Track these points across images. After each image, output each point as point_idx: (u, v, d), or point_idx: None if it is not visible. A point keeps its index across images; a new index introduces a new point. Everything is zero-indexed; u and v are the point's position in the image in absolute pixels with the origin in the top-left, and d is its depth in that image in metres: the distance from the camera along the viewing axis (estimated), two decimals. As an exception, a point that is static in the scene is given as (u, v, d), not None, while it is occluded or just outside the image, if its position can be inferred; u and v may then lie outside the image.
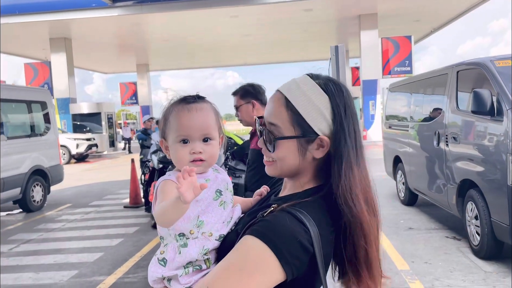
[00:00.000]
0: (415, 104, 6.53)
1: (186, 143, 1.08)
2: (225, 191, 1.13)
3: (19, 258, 5.30)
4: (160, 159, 6.10)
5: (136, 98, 29.43)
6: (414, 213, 6.46)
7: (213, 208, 1.07)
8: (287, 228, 0.90)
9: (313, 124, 0.99)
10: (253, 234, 0.91)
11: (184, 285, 1.01)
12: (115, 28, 18.91)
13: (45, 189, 8.53)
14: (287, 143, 1.01)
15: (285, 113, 1.01)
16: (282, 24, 19.58)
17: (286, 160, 1.01)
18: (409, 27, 21.66)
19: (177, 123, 1.08)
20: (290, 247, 0.88)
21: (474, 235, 4.49)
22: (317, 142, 1.00)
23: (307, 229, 0.91)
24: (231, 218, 1.10)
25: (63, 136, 17.22)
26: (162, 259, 1.05)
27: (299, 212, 0.93)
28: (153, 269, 1.06)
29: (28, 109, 8.45)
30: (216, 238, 1.04)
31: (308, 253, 0.90)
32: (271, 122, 1.02)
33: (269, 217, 0.94)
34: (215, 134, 1.11)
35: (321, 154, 1.00)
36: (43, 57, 23.29)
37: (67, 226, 6.84)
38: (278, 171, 1.05)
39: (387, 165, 7.87)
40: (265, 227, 0.92)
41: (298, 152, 1.00)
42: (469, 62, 4.83)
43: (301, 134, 1.00)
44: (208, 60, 30.68)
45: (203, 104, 1.11)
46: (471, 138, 4.51)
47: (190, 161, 1.08)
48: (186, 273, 1.02)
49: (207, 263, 1.03)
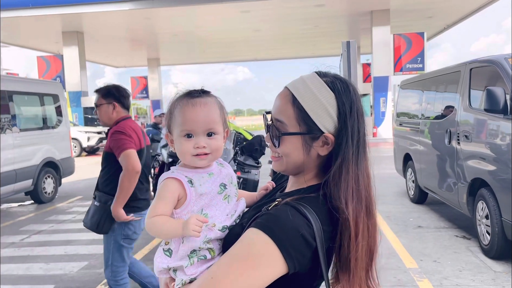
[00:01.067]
0: (426, 102, 6.46)
1: (190, 137, 1.09)
2: (229, 185, 1.14)
3: (30, 249, 5.38)
4: (169, 153, 6.14)
5: (147, 93, 29.56)
6: (424, 211, 6.42)
7: (217, 202, 1.09)
8: (290, 222, 0.91)
9: (318, 121, 1.00)
10: (257, 226, 0.93)
11: (190, 275, 1.03)
12: (126, 22, 19.00)
13: (56, 181, 8.64)
14: (292, 139, 1.02)
15: (291, 110, 1.02)
16: (293, 20, 19.49)
17: (291, 156, 1.03)
18: (422, 24, 21.42)
19: (182, 117, 1.09)
20: (293, 241, 0.90)
21: (484, 235, 4.45)
22: (322, 139, 1.01)
23: (310, 223, 0.92)
24: (235, 211, 1.12)
25: (75, 129, 17.39)
26: (167, 249, 1.08)
27: (302, 206, 0.94)
28: (159, 260, 1.08)
29: (40, 102, 8.54)
30: (219, 229, 1.06)
31: (310, 247, 0.92)
32: (277, 118, 1.04)
33: (273, 211, 0.95)
34: (219, 128, 1.12)
35: (326, 151, 1.02)
36: (56, 51, 23.51)
37: (77, 218, 6.92)
38: (284, 166, 1.06)
39: (397, 162, 7.82)
40: (269, 220, 0.93)
41: (302, 148, 1.02)
42: (483, 60, 4.76)
43: (306, 131, 1.01)
44: (218, 55, 30.69)
45: (207, 98, 1.11)
46: (483, 137, 4.46)
47: (193, 154, 1.09)
48: (191, 264, 1.04)
49: (211, 252, 1.05)
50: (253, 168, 4.67)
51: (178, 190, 1.06)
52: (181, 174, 1.08)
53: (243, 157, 4.70)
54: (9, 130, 7.50)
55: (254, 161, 4.75)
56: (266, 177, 8.09)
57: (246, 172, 4.59)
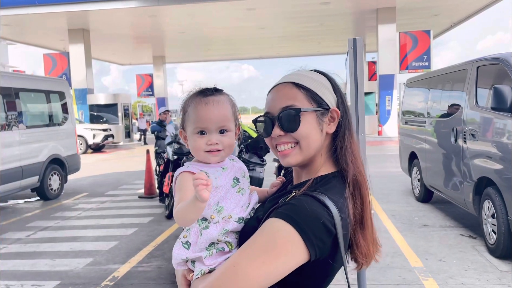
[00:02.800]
0: (432, 100, 6.42)
1: (203, 134, 1.13)
2: (242, 178, 1.17)
3: (36, 245, 5.42)
4: (174, 150, 6.15)
5: (152, 90, 29.65)
6: (429, 210, 6.39)
7: (231, 195, 1.12)
8: (311, 211, 0.94)
9: (324, 97, 1.08)
10: (279, 216, 0.95)
11: (209, 266, 1.05)
12: (132, 20, 19.04)
13: (62, 177, 8.69)
14: (309, 118, 1.05)
15: (298, 93, 1.07)
16: (298, 18, 19.45)
17: (310, 137, 1.06)
18: (428, 22, 21.30)
19: (195, 115, 1.12)
20: (314, 229, 0.92)
21: (490, 234, 4.42)
22: (329, 116, 1.08)
23: (329, 211, 0.95)
24: (249, 203, 1.15)
25: (80, 127, 17.48)
26: (186, 242, 1.10)
27: (320, 194, 0.97)
28: (177, 252, 1.11)
29: (46, 99, 8.59)
30: (236, 220, 1.09)
31: (331, 234, 0.94)
32: (286, 105, 1.06)
33: (292, 201, 0.98)
34: (231, 126, 1.15)
35: (333, 128, 1.09)
36: (62, 48, 23.62)
37: (83, 215, 6.96)
38: (301, 154, 1.07)
39: (402, 161, 7.79)
40: (290, 209, 0.95)
41: (318, 126, 1.06)
42: (490, 58, 4.72)
43: (318, 107, 1.07)
44: (223, 53, 30.71)
45: (220, 97, 1.14)
46: (490, 136, 4.43)
47: (206, 151, 1.12)
48: (210, 255, 1.06)
49: (229, 245, 1.07)
50: (258, 166, 4.66)
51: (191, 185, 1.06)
52: (196, 168, 1.11)
53: (248, 154, 4.70)
54: (16, 127, 7.55)
55: (259, 159, 4.74)
56: (270, 174, 8.09)
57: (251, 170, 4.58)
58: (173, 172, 6.33)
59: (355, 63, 1.85)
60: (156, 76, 29.49)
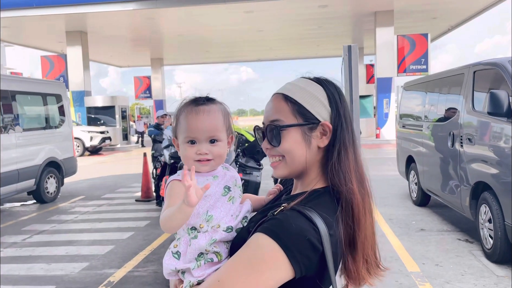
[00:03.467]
0: (430, 104, 6.43)
1: (193, 143, 1.13)
2: (234, 187, 1.16)
3: (31, 249, 5.39)
4: (171, 154, 6.13)
5: (150, 93, 29.63)
6: (426, 214, 6.38)
7: (221, 203, 1.11)
8: (296, 226, 0.92)
9: (313, 111, 1.04)
10: (263, 231, 0.93)
11: (197, 277, 1.05)
12: (130, 22, 19.03)
13: (58, 180, 8.66)
14: (292, 133, 1.03)
15: (285, 106, 1.05)
16: (296, 20, 19.48)
17: (294, 152, 1.04)
18: (426, 25, 21.36)
19: (186, 124, 1.13)
20: (299, 245, 0.90)
21: (487, 238, 4.42)
22: (320, 130, 1.04)
23: (316, 228, 0.92)
24: (240, 212, 1.14)
25: (78, 129, 17.44)
26: (176, 252, 1.10)
27: (308, 210, 0.95)
28: (167, 262, 1.11)
29: (43, 102, 8.56)
30: (224, 229, 1.08)
31: (317, 251, 0.92)
32: (272, 119, 1.06)
33: (279, 215, 0.96)
34: (221, 135, 1.14)
35: (326, 142, 1.04)
36: (60, 50, 23.59)
37: (79, 218, 6.93)
38: (288, 168, 1.06)
39: (400, 164, 7.79)
40: (275, 225, 0.94)
41: (303, 141, 1.04)
42: (487, 62, 4.73)
43: (303, 122, 1.04)
44: (221, 56, 30.71)
45: (212, 106, 1.14)
46: (487, 140, 4.43)
47: (195, 160, 1.13)
48: (198, 266, 1.06)
49: (218, 256, 1.07)
50: (255, 170, 4.66)
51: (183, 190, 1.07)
52: None
53: (244, 158, 4.69)
54: (12, 130, 7.52)
55: (256, 163, 4.73)
56: (268, 178, 8.08)
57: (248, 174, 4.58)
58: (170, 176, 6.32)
59: (350, 70, 1.85)
60: (154, 79, 29.46)
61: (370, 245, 1.04)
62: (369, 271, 1.05)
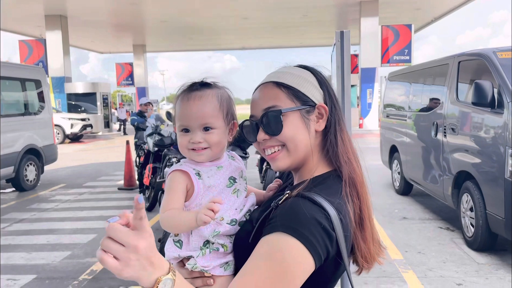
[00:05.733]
0: (413, 94, 6.48)
1: (187, 132, 1.07)
2: (239, 179, 1.12)
3: (11, 237, 5.27)
4: (155, 142, 6.04)
5: (132, 80, 29.15)
6: (409, 202, 6.48)
7: (226, 195, 1.07)
8: (309, 216, 0.88)
9: (309, 94, 1.02)
10: (280, 230, 0.88)
11: (202, 267, 1.01)
12: (112, 6, 18.60)
13: (38, 168, 8.47)
14: (292, 118, 1.00)
15: (279, 92, 1.01)
16: (281, 8, 19.35)
17: (296, 138, 1.00)
18: (409, 16, 21.49)
19: (179, 112, 1.08)
20: (317, 235, 0.87)
21: (468, 227, 4.50)
22: (316, 113, 1.02)
23: (327, 214, 0.89)
24: (244, 206, 1.09)
25: (58, 116, 17.06)
26: (177, 240, 1.07)
27: (316, 195, 0.91)
28: (170, 250, 1.07)
29: (22, 88, 8.32)
30: (228, 222, 1.04)
31: (331, 238, 0.89)
32: (267, 106, 1.02)
33: (287, 206, 0.91)
34: (216, 122, 1.07)
35: (323, 125, 1.03)
36: (38, 35, 22.94)
37: (60, 206, 6.80)
38: (290, 157, 1.02)
39: (383, 154, 7.87)
40: (288, 219, 0.88)
41: (304, 125, 1.00)
42: (471, 53, 4.77)
43: (301, 105, 1.01)
44: (205, 43, 30.38)
45: (205, 91, 1.08)
46: (470, 130, 4.49)
47: (189, 148, 1.07)
48: (203, 254, 1.02)
49: (224, 247, 1.03)
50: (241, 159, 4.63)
51: (185, 182, 1.04)
52: (188, 167, 1.07)
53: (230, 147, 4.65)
54: (-11, 116, 7.30)
55: (242, 151, 4.70)
56: (253, 167, 8.07)
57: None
58: (154, 164, 6.24)
59: (342, 57, 1.81)
60: (136, 65, 28.99)
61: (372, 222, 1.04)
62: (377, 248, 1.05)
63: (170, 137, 5.87)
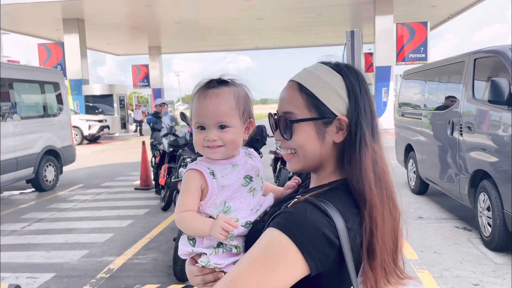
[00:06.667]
0: (429, 92, 6.41)
1: (203, 129, 1.07)
2: (256, 177, 1.10)
3: (31, 237, 5.40)
4: (170, 142, 6.11)
5: (148, 81, 29.42)
6: (425, 202, 6.41)
7: (241, 194, 1.06)
8: (309, 220, 0.87)
9: (329, 104, 0.96)
10: (276, 226, 0.89)
11: (215, 264, 1.02)
12: (127, 9, 18.83)
13: (57, 169, 8.64)
14: (305, 128, 0.97)
15: (299, 98, 0.98)
16: (295, 8, 19.29)
17: (306, 147, 0.98)
18: (425, 13, 21.19)
19: (195, 109, 1.08)
20: (313, 240, 0.86)
21: (485, 226, 4.44)
22: (336, 124, 0.97)
23: (331, 221, 0.87)
24: (261, 206, 1.08)
25: (76, 118, 17.36)
26: (191, 239, 1.07)
27: (323, 203, 0.89)
28: (182, 247, 1.09)
29: (41, 90, 8.51)
30: (242, 224, 1.03)
31: (334, 246, 0.87)
32: (285, 111, 1.00)
33: (291, 209, 0.91)
34: (232, 121, 1.06)
35: (341, 137, 0.97)
36: (57, 38, 23.35)
37: (78, 206, 6.93)
38: (301, 162, 1.01)
39: (398, 153, 7.79)
40: (287, 218, 0.89)
41: (317, 136, 0.97)
42: (487, 50, 4.70)
43: (318, 116, 0.96)
44: (220, 44, 30.47)
45: (222, 89, 1.07)
46: (486, 128, 4.42)
47: (204, 146, 1.07)
48: (216, 253, 1.03)
49: (237, 248, 1.04)
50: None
51: (200, 181, 1.04)
52: (203, 166, 1.07)
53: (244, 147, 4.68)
54: (10, 118, 7.48)
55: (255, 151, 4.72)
56: (267, 166, 8.08)
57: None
58: (169, 164, 6.31)
59: (352, 55, 1.82)
60: (152, 67, 29.24)
61: (389, 252, 0.95)
62: (389, 280, 0.96)
63: (184, 137, 5.94)
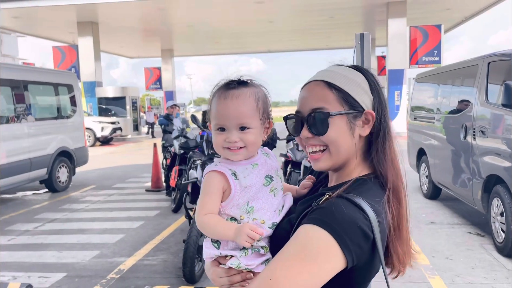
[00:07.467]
0: (442, 96, 6.34)
1: (223, 131, 1.06)
2: (276, 177, 1.10)
3: (43, 237, 5.47)
4: (181, 144, 6.14)
5: (160, 84, 29.65)
6: (437, 207, 6.33)
7: (263, 194, 1.06)
8: (346, 215, 0.89)
9: (359, 99, 1.02)
10: (313, 222, 0.90)
11: (246, 265, 1.01)
12: (140, 12, 19.02)
13: (70, 170, 8.75)
14: (338, 121, 1.00)
15: (330, 94, 1.01)
16: (307, 11, 19.28)
17: (339, 141, 1.01)
18: (439, 16, 21.00)
19: (215, 110, 1.07)
20: (351, 234, 0.88)
21: (498, 232, 4.37)
22: (363, 118, 1.02)
23: (366, 215, 0.90)
24: (283, 206, 1.08)
25: (89, 119, 17.57)
26: (215, 241, 1.05)
27: (356, 197, 0.93)
28: (207, 250, 1.07)
29: (55, 92, 8.64)
30: (269, 226, 1.03)
31: (368, 239, 0.90)
32: (315, 107, 1.01)
33: (325, 205, 0.93)
34: (253, 122, 1.06)
35: (368, 130, 1.03)
36: (71, 41, 23.69)
37: (90, 207, 7.00)
38: (332, 159, 1.02)
39: (410, 157, 7.72)
40: (324, 214, 0.91)
41: (348, 130, 1.00)
42: (501, 53, 4.64)
43: (350, 109, 1.01)
44: (232, 47, 30.59)
45: (243, 90, 1.06)
46: (500, 133, 4.36)
47: (225, 147, 1.06)
48: (245, 254, 1.01)
49: (264, 249, 1.03)
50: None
51: (221, 183, 1.04)
52: (224, 167, 1.06)
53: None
54: (24, 120, 7.61)
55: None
56: (277, 169, 8.03)
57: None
58: (180, 166, 6.34)
59: (362, 58, 1.82)
60: (164, 70, 29.47)
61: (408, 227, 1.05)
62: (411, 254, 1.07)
63: (195, 140, 5.97)
